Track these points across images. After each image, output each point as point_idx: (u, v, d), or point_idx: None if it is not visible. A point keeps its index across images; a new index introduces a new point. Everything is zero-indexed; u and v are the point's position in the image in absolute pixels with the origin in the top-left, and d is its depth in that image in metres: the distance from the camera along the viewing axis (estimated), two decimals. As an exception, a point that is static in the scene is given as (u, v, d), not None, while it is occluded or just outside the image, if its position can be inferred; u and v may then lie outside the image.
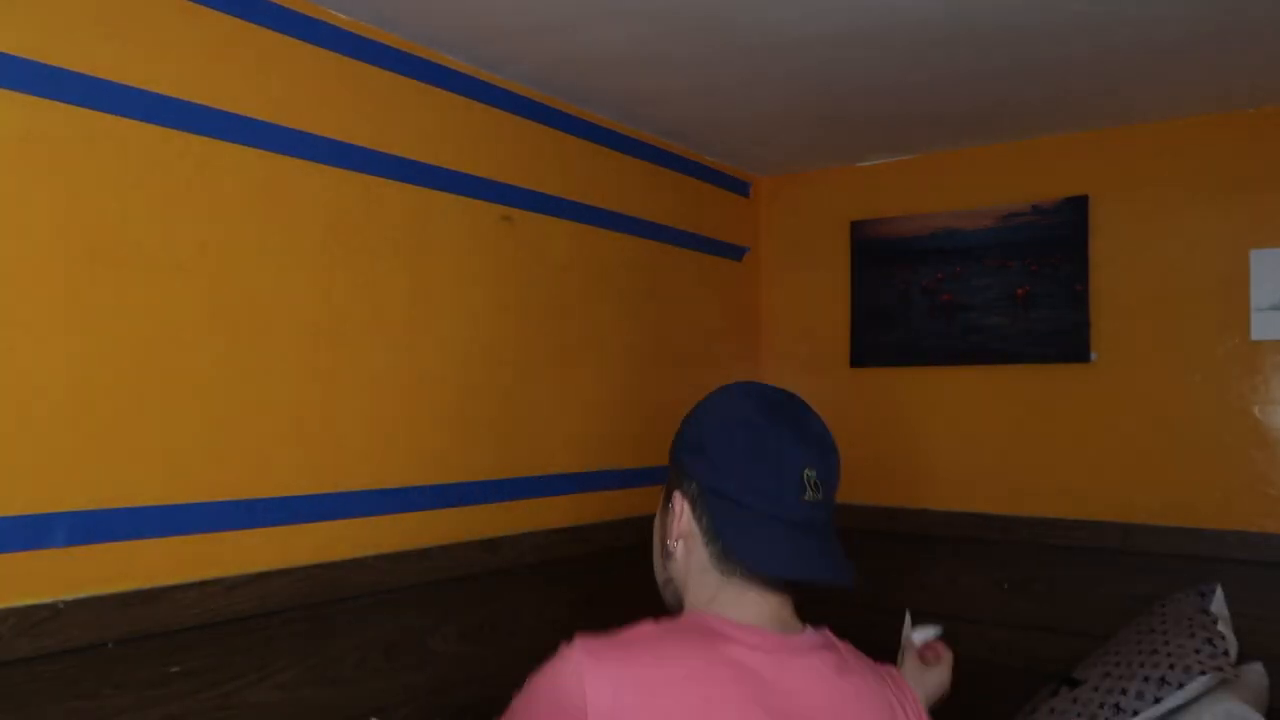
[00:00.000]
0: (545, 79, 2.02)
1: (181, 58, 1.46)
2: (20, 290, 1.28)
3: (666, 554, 1.16)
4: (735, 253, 2.76)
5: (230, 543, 1.51)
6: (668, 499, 1.17)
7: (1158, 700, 1.80)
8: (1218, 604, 2.08)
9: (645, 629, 1.05)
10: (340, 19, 1.68)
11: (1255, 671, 2.02)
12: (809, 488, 1.09)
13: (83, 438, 1.34)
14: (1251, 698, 1.86)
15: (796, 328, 2.80)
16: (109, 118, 1.37)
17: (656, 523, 1.22)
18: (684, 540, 1.14)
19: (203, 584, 1.45)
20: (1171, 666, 1.83)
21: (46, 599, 1.29)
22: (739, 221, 2.79)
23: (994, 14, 1.66)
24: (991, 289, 2.47)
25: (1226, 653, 1.87)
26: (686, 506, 1.13)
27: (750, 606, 1.10)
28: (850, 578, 1.08)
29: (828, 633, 1.15)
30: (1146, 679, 1.84)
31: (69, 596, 1.31)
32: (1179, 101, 2.15)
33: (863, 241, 2.68)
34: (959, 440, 2.51)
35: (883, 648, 2.58)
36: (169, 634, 1.41)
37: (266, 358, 1.56)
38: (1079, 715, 1.88)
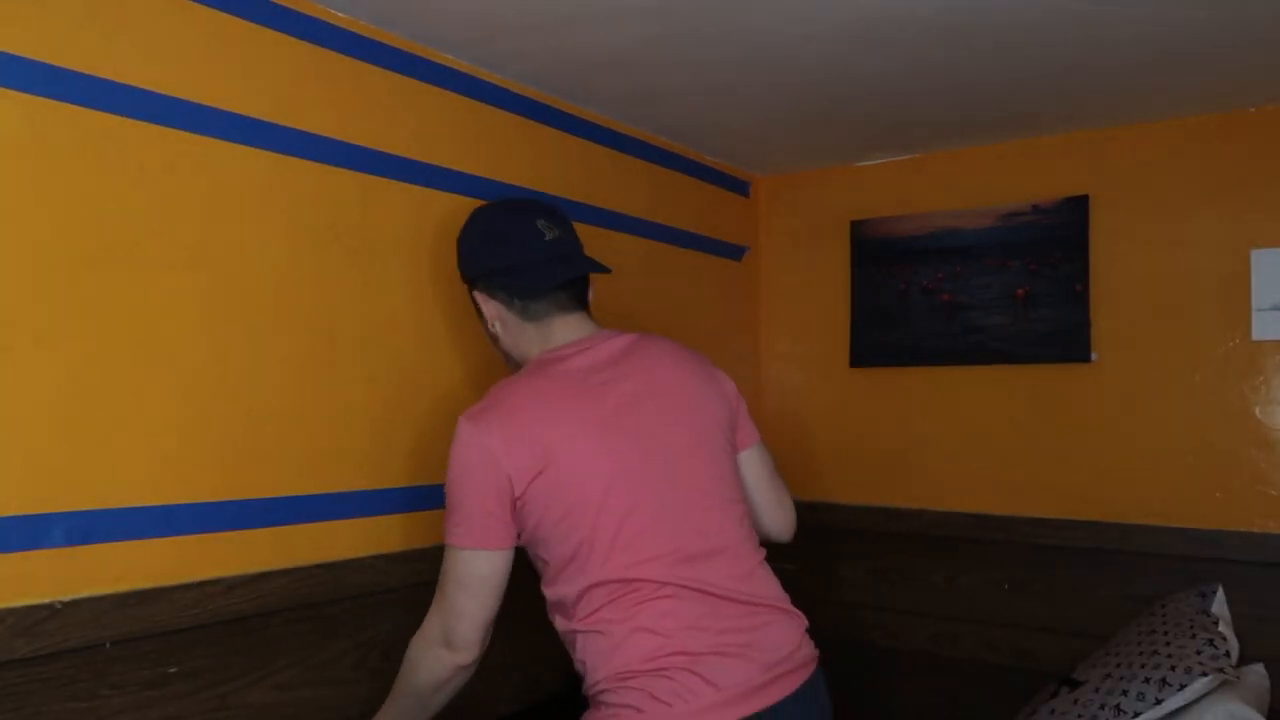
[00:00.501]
0: (545, 78, 2.02)
1: (181, 57, 1.46)
2: (19, 290, 1.28)
3: (494, 339, 1.58)
4: (735, 252, 2.76)
5: (229, 543, 1.50)
6: (475, 306, 1.58)
7: (1159, 701, 1.79)
8: (1219, 605, 2.08)
9: (501, 386, 1.44)
10: (340, 18, 1.68)
11: (1256, 673, 2.01)
12: (545, 231, 1.52)
13: (81, 437, 1.33)
14: (1253, 699, 1.86)
15: (796, 327, 2.80)
16: (108, 117, 1.37)
17: (483, 327, 1.60)
18: (499, 320, 1.55)
19: (201, 584, 1.45)
20: (1172, 668, 1.83)
21: (44, 599, 1.28)
22: (739, 221, 2.79)
23: (994, 13, 1.66)
24: (991, 289, 2.47)
25: (1227, 654, 1.87)
26: (485, 297, 1.55)
27: (559, 330, 1.52)
28: (605, 266, 1.56)
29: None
30: (1147, 680, 1.84)
31: (66, 597, 1.30)
32: (1180, 101, 2.15)
33: (863, 241, 2.67)
34: (959, 440, 2.51)
35: (882, 647, 2.59)
36: (167, 634, 1.41)
37: (265, 357, 1.56)
38: (1079, 716, 1.88)
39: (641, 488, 1.39)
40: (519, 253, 1.51)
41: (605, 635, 1.36)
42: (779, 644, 1.41)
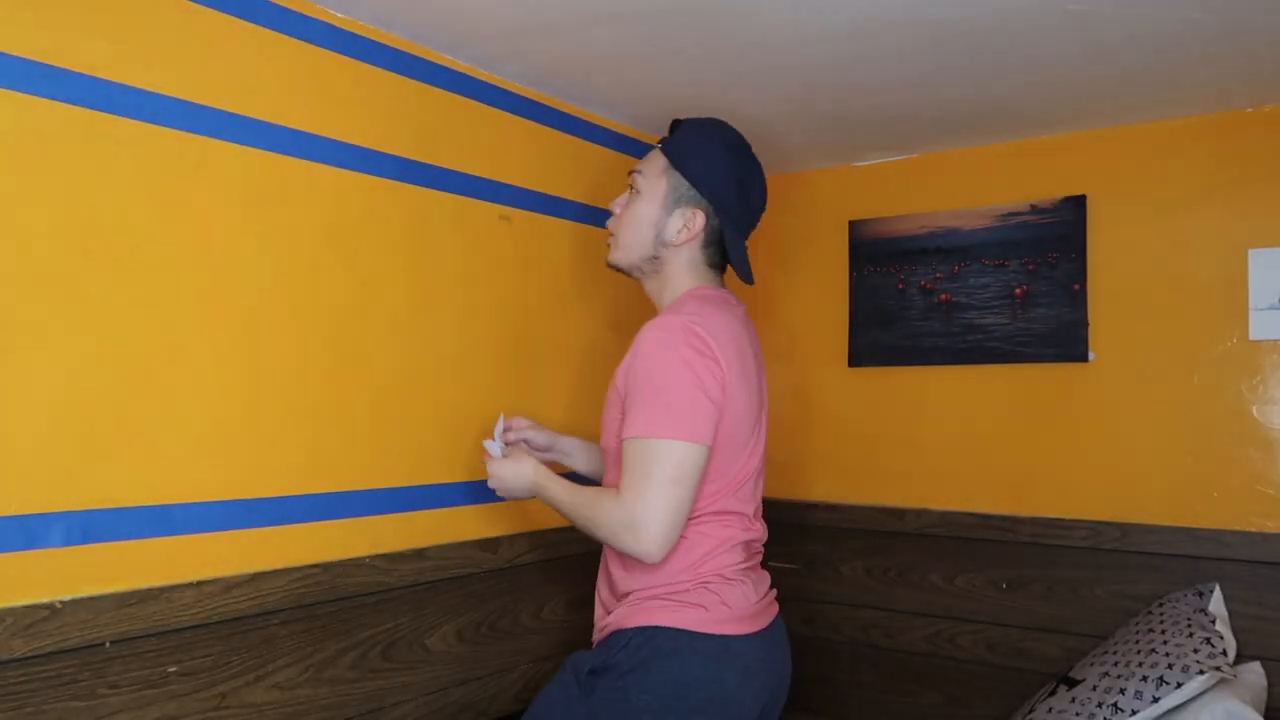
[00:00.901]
0: (543, 78, 2.02)
1: (181, 57, 1.46)
2: (18, 289, 1.28)
3: (664, 243, 1.65)
4: (734, 252, 2.76)
5: (228, 542, 1.50)
6: (675, 204, 1.64)
7: (1156, 700, 1.80)
8: (1216, 603, 2.08)
9: (693, 307, 1.57)
10: (339, 18, 1.68)
11: (1253, 671, 2.02)
12: (757, 224, 1.71)
13: (80, 437, 1.34)
14: (1250, 697, 1.87)
15: (795, 327, 2.80)
16: (108, 117, 1.37)
17: (648, 213, 1.65)
18: (693, 240, 1.65)
19: (200, 584, 1.45)
20: (1170, 666, 1.83)
21: (43, 599, 1.28)
22: (737, 221, 2.79)
23: (993, 13, 1.66)
24: (990, 288, 2.47)
25: (1225, 652, 1.87)
26: (702, 218, 1.64)
27: (714, 278, 1.70)
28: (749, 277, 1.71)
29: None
30: (1145, 679, 1.84)
31: (66, 596, 1.31)
32: (1177, 101, 2.15)
33: (861, 241, 2.68)
34: (957, 439, 2.51)
35: (882, 646, 2.59)
36: (166, 634, 1.41)
37: (265, 357, 1.56)
38: (1077, 715, 1.88)
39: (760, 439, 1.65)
40: (745, 229, 1.69)
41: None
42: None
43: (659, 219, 1.65)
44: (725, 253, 1.68)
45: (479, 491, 1.89)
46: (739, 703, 1.50)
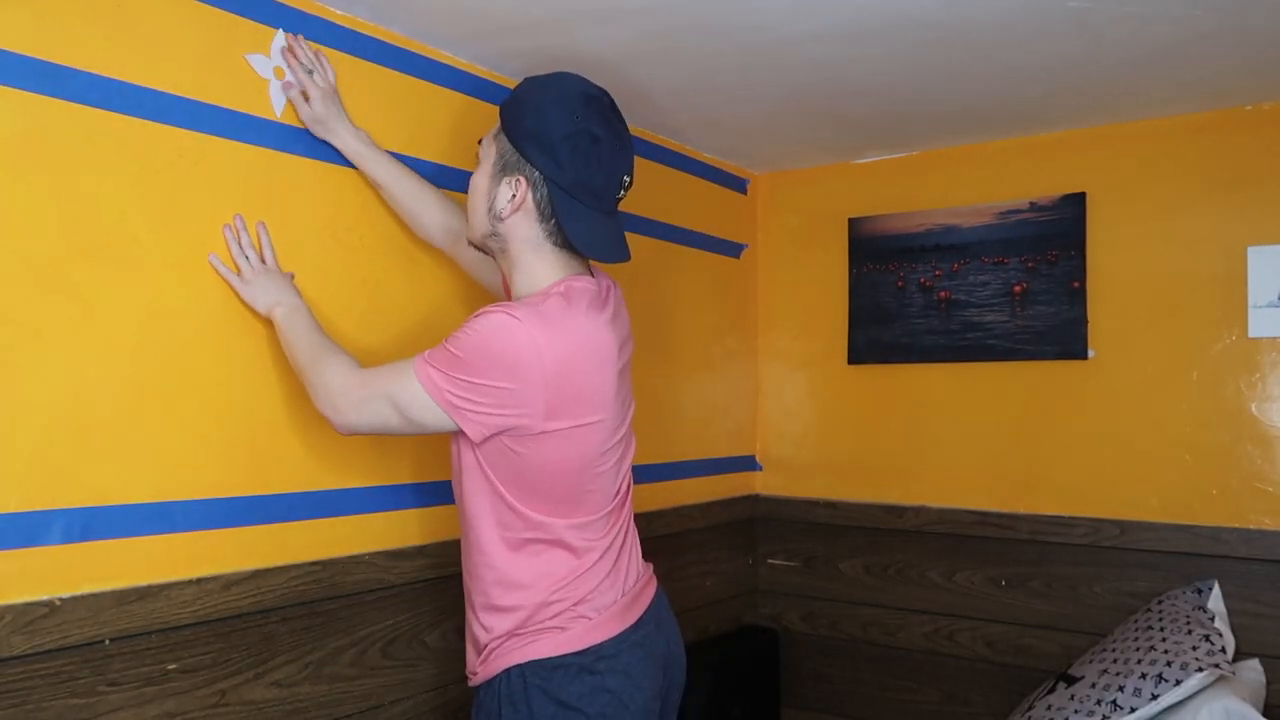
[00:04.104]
0: (543, 75, 2.02)
1: (180, 55, 1.45)
2: (18, 287, 1.28)
3: (498, 217, 1.43)
4: (733, 250, 2.76)
5: (227, 539, 1.50)
6: (502, 172, 1.42)
7: (1155, 697, 1.80)
8: (1215, 601, 2.09)
9: (552, 303, 1.36)
10: (338, 15, 1.68)
11: (1252, 668, 2.02)
12: (622, 189, 1.43)
13: (79, 435, 1.33)
14: (1248, 694, 1.87)
15: (794, 325, 2.80)
16: (108, 115, 1.37)
17: (481, 183, 1.45)
18: (522, 213, 1.41)
19: (200, 581, 1.45)
20: (1169, 663, 1.83)
21: (43, 596, 1.28)
22: (737, 218, 2.79)
23: (991, 11, 1.66)
24: (989, 286, 2.47)
25: (1223, 650, 1.87)
26: (529, 189, 1.40)
27: (576, 263, 1.45)
28: (628, 254, 1.45)
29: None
30: (1144, 676, 1.84)
31: (65, 594, 1.31)
32: (1177, 99, 2.15)
33: (860, 238, 2.68)
34: (956, 437, 2.51)
35: (880, 643, 2.59)
36: (166, 631, 1.41)
37: (264, 354, 1.56)
38: (1076, 712, 1.88)
39: None
40: (593, 199, 1.40)
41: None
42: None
43: (489, 189, 1.44)
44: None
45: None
46: (627, 706, 1.41)
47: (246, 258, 1.51)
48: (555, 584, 1.41)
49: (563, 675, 1.38)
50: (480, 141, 1.50)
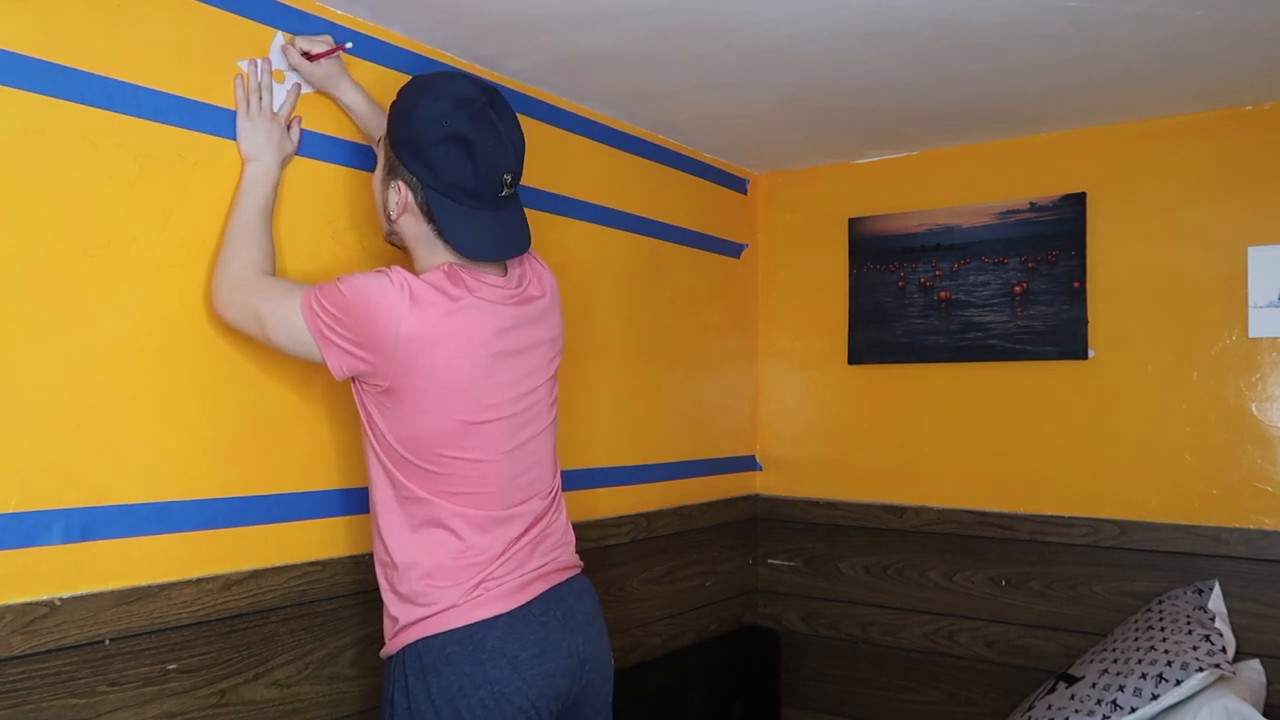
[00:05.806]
0: (543, 76, 2.02)
1: (179, 55, 1.45)
2: (17, 286, 1.28)
3: (390, 218, 1.47)
4: (733, 250, 2.76)
5: (227, 539, 1.50)
6: (389, 176, 1.45)
7: (1155, 697, 1.80)
8: (1215, 601, 2.09)
9: (430, 277, 1.39)
10: (338, 15, 1.68)
11: (1252, 668, 2.02)
12: (504, 186, 1.43)
13: (79, 435, 1.33)
14: (1249, 694, 1.87)
15: (794, 325, 2.80)
16: (107, 114, 1.37)
17: (375, 185, 1.49)
18: (408, 214, 1.44)
19: (199, 581, 1.45)
20: (1169, 664, 1.83)
21: (42, 596, 1.28)
22: (737, 218, 2.79)
23: (991, 11, 1.66)
24: (989, 286, 2.47)
25: (1224, 649, 1.87)
26: (409, 192, 1.43)
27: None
28: (528, 244, 1.50)
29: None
30: (1144, 676, 1.84)
31: (65, 594, 1.31)
32: (1177, 99, 2.15)
33: (860, 238, 2.68)
34: (956, 437, 2.51)
35: (881, 643, 2.59)
36: (165, 631, 1.41)
37: (264, 355, 1.56)
38: (1077, 712, 1.88)
39: None
40: (471, 199, 1.41)
41: None
42: None
43: (381, 192, 1.47)
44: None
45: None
46: (511, 700, 1.37)
47: (260, 99, 1.54)
48: (439, 565, 1.40)
49: (443, 663, 1.37)
50: (378, 141, 1.54)
